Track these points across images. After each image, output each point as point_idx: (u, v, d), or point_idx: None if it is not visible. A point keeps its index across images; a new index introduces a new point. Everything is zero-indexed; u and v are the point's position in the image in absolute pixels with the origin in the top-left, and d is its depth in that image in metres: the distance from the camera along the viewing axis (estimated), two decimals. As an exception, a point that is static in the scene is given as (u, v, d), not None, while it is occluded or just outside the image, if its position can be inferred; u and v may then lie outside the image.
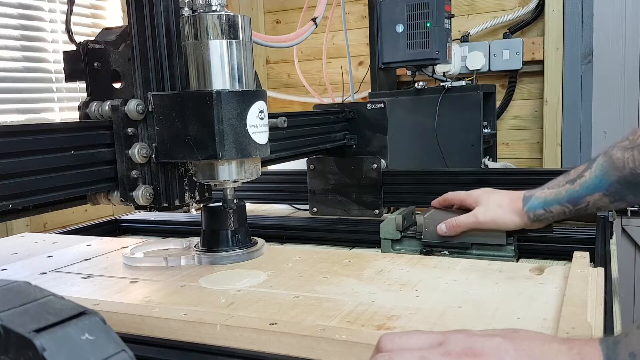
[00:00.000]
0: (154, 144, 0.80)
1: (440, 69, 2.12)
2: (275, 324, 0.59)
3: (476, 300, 0.66)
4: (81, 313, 0.37)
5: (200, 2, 0.77)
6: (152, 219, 1.33)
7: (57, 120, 1.92)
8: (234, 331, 0.59)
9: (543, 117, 2.38)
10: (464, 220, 0.89)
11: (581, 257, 0.79)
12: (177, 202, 0.84)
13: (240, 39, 0.77)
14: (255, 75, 0.82)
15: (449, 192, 0.96)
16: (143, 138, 0.81)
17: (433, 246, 0.93)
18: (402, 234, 0.96)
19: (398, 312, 0.63)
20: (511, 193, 0.89)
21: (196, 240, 0.92)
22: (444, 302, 0.65)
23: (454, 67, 2.25)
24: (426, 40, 1.85)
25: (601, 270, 0.75)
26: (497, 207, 0.87)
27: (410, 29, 1.86)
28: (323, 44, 2.04)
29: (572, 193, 0.82)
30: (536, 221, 0.85)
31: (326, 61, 2.07)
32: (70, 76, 0.91)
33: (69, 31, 0.91)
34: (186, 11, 0.80)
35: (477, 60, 2.31)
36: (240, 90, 0.77)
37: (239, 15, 0.77)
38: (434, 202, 0.97)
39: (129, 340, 0.51)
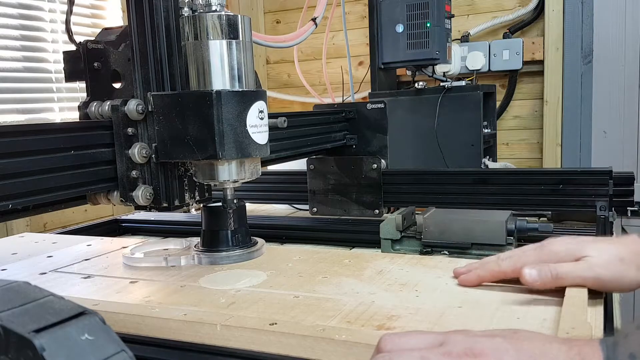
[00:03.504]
0: (153, 144, 0.80)
1: (440, 69, 2.12)
2: (275, 324, 0.58)
3: (476, 300, 0.66)
4: (81, 313, 0.37)
5: (200, 2, 0.77)
6: (152, 219, 1.33)
7: (57, 120, 1.92)
8: (234, 331, 0.59)
9: (543, 117, 2.38)
10: (571, 271, 0.64)
11: (581, 257, 0.79)
12: (177, 202, 0.84)
13: (240, 39, 0.77)
14: (255, 75, 0.82)
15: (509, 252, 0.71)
16: (143, 138, 0.81)
17: (433, 246, 0.93)
18: (402, 234, 0.96)
19: (398, 312, 0.63)
20: (623, 241, 0.66)
21: (196, 240, 0.92)
22: (444, 302, 0.65)
23: (454, 67, 2.25)
24: (426, 40, 1.85)
25: (601, 270, 0.74)
26: (619, 261, 0.64)
27: (410, 29, 1.86)
28: (323, 44, 2.03)
29: None
30: None
31: (326, 61, 2.06)
32: (70, 76, 0.91)
33: (69, 31, 0.91)
34: (186, 11, 0.80)
35: (477, 60, 2.31)
36: (240, 90, 0.77)
37: (239, 15, 0.77)
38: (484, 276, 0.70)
39: (129, 340, 0.51)
